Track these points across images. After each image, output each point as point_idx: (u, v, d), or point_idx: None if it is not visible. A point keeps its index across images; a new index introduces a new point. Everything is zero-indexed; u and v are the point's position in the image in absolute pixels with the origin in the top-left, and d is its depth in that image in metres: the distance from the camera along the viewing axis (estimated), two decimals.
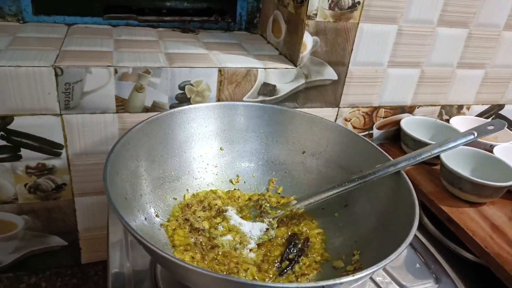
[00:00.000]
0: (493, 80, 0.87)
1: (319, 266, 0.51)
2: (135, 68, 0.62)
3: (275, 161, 0.66)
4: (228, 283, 0.34)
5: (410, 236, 0.41)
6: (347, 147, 0.62)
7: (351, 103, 0.78)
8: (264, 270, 0.49)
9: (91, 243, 0.76)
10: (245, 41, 0.83)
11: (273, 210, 0.58)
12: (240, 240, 0.52)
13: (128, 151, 0.51)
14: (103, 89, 0.62)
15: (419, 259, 0.62)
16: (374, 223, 0.54)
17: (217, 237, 0.52)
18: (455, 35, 0.78)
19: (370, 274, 0.37)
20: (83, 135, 0.65)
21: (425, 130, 0.82)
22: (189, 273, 0.36)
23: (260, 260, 0.51)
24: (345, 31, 0.70)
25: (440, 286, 0.57)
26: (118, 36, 0.75)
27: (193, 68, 0.65)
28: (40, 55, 0.61)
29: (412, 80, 0.81)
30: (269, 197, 0.62)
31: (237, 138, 0.65)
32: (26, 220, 0.70)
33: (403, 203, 0.49)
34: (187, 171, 0.61)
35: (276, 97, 0.72)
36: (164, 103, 0.66)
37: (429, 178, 0.73)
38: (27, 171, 0.65)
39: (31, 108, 0.60)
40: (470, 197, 0.65)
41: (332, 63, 0.73)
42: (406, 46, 0.76)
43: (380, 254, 0.46)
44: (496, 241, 0.59)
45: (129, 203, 0.48)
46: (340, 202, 0.59)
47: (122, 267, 0.54)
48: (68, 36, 0.72)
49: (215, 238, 0.52)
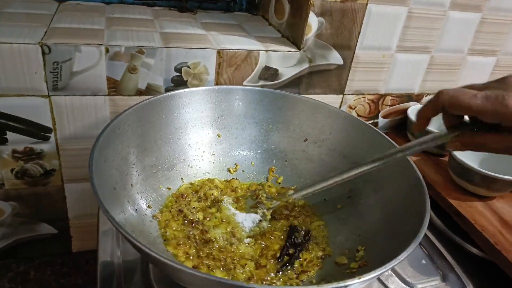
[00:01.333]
0: (504, 68, 0.84)
1: (321, 262, 0.48)
2: (127, 47, 0.58)
3: (275, 149, 0.63)
4: (222, 285, 0.31)
5: (421, 234, 0.38)
6: (351, 134, 0.59)
7: (356, 89, 0.75)
8: (263, 266, 0.46)
9: (82, 231, 0.73)
10: (245, 23, 0.79)
11: (269, 201, 0.55)
12: (232, 231, 0.49)
13: (118, 137, 0.48)
14: (93, 69, 0.58)
15: (424, 254, 0.59)
16: (379, 216, 0.51)
17: (209, 229, 0.49)
18: (467, 19, 0.74)
19: (377, 276, 0.34)
20: (73, 118, 0.61)
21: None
22: (180, 274, 0.33)
23: (258, 255, 0.48)
24: (352, 12, 0.66)
25: (447, 283, 0.55)
26: (111, 14, 0.71)
27: (190, 49, 0.61)
28: (26, 32, 0.57)
29: (420, 66, 0.77)
30: (269, 187, 0.59)
31: (235, 124, 0.62)
32: (13, 206, 0.67)
33: (411, 196, 0.46)
34: (182, 159, 0.58)
35: (278, 82, 0.69)
36: (159, 85, 0.63)
37: (436, 169, 0.70)
38: (14, 155, 0.62)
39: (17, 88, 0.56)
40: (479, 190, 0.62)
41: (337, 46, 0.69)
42: (416, 30, 0.72)
43: (387, 251, 0.43)
44: (505, 237, 0.56)
45: (118, 193, 0.45)
46: (343, 193, 0.56)
47: (112, 257, 0.52)
48: (58, 13, 0.67)
49: (208, 232, 0.49)
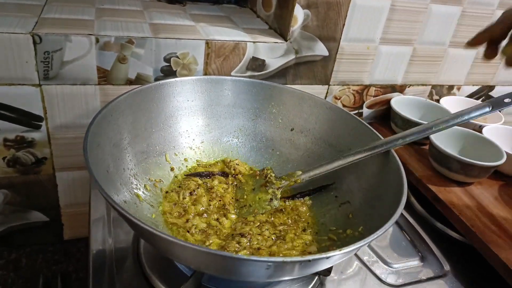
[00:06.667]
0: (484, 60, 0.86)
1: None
2: (117, 37, 0.59)
3: (263, 137, 0.65)
4: (213, 257, 0.33)
5: (397, 213, 0.40)
6: (337, 124, 0.61)
7: (341, 80, 0.77)
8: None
9: (73, 219, 0.74)
10: (234, 15, 0.80)
11: (278, 181, 0.57)
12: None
13: (110, 123, 0.49)
14: (84, 59, 0.59)
15: (405, 238, 0.62)
16: (361, 200, 0.53)
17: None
18: (448, 12, 0.77)
19: (356, 250, 0.36)
20: (64, 108, 0.62)
21: (416, 110, 0.81)
22: (172, 246, 0.35)
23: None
24: (337, 5, 0.68)
25: (425, 264, 0.57)
26: (100, 5, 0.72)
27: (179, 39, 0.63)
28: (17, 22, 0.58)
29: (403, 58, 0.79)
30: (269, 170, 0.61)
31: (224, 114, 0.64)
32: (5, 194, 0.68)
33: (391, 181, 0.49)
34: (172, 146, 0.59)
35: (265, 73, 0.70)
36: (148, 75, 0.64)
37: (418, 158, 0.72)
38: (5, 144, 0.63)
39: (8, 77, 0.57)
40: (457, 177, 0.65)
41: (323, 38, 0.71)
42: (399, 23, 0.74)
43: (367, 231, 0.46)
44: (482, 220, 0.59)
45: (111, 176, 0.47)
46: (327, 181, 0.58)
47: (104, 244, 0.53)
48: (48, 4, 0.68)
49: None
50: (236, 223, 0.52)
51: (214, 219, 0.52)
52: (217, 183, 0.58)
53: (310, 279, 0.50)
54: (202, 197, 0.54)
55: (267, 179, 0.57)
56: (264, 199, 0.55)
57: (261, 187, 0.57)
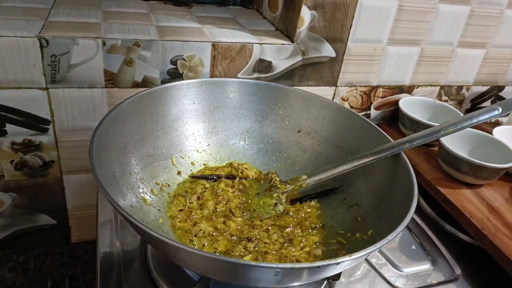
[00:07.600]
0: (493, 60, 0.86)
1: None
2: (124, 40, 0.59)
3: (270, 139, 0.64)
4: (220, 263, 0.33)
5: (408, 217, 0.39)
6: (344, 126, 0.60)
7: (348, 81, 0.76)
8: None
9: (81, 221, 0.74)
10: (240, 16, 0.80)
11: (283, 185, 0.56)
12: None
13: (116, 127, 0.49)
14: (90, 62, 0.59)
15: (414, 241, 0.61)
16: (369, 203, 0.52)
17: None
18: (456, 12, 0.76)
19: (366, 255, 0.35)
20: (71, 111, 0.62)
21: (424, 111, 0.80)
22: (179, 252, 0.34)
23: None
24: (344, 6, 0.67)
25: (436, 268, 0.56)
26: (107, 7, 0.72)
27: (185, 41, 0.62)
28: (24, 25, 0.58)
29: (411, 58, 0.79)
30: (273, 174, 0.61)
31: (230, 116, 0.63)
32: (13, 197, 0.68)
33: (400, 184, 0.48)
34: (179, 149, 0.59)
35: (272, 74, 0.70)
36: (155, 78, 0.64)
37: (427, 159, 0.72)
38: (13, 147, 0.63)
39: (16, 81, 0.57)
40: (467, 179, 0.64)
41: (330, 39, 0.70)
42: (407, 23, 0.73)
43: (376, 234, 0.45)
44: (492, 223, 0.58)
45: (117, 181, 0.46)
46: (335, 183, 0.58)
47: (111, 247, 0.53)
48: (55, 7, 0.68)
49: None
50: (243, 226, 0.52)
51: (221, 222, 0.52)
52: (223, 186, 0.57)
53: (319, 283, 0.50)
54: (208, 201, 0.54)
55: (272, 183, 0.57)
56: (269, 203, 0.55)
57: (265, 192, 0.56)
